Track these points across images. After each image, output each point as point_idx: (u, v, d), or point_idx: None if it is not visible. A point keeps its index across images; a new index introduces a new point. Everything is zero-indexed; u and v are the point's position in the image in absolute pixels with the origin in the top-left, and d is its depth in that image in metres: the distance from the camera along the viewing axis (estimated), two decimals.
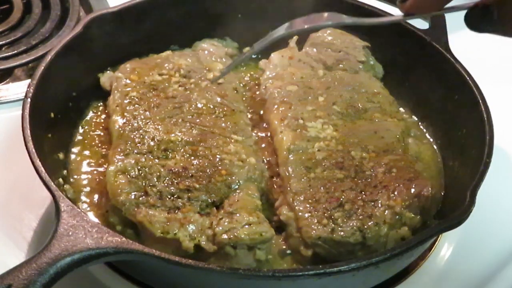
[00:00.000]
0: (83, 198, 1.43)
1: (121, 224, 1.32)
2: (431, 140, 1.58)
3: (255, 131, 1.54)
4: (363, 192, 1.35)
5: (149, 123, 1.45)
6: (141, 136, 1.42)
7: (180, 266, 1.15)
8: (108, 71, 1.62)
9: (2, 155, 1.57)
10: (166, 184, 1.33)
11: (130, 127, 1.45)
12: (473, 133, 1.43)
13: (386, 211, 1.31)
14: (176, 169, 1.36)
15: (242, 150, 1.42)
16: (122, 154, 1.39)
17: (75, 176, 1.46)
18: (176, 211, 1.30)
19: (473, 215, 1.24)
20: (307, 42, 1.68)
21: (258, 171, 1.40)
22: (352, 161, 1.42)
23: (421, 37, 1.60)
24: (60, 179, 1.42)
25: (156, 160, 1.38)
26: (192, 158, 1.39)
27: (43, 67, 1.45)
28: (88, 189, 1.44)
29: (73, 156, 1.50)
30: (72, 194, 1.41)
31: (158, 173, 1.35)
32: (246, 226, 1.27)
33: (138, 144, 1.41)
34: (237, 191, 1.35)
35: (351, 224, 1.29)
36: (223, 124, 1.47)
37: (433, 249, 1.44)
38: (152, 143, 1.41)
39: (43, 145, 1.37)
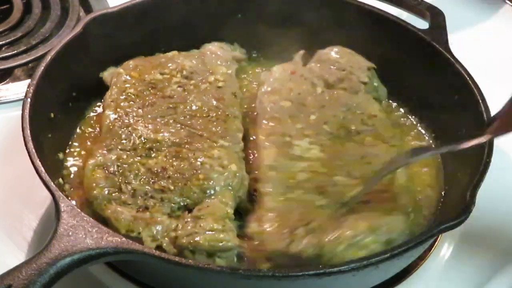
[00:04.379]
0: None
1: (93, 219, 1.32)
2: (431, 141, 1.58)
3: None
4: (336, 219, 1.32)
5: (139, 121, 1.45)
6: (129, 133, 1.42)
7: (180, 266, 1.15)
8: (111, 67, 1.61)
9: (2, 155, 1.57)
10: (142, 183, 1.33)
11: (120, 123, 1.44)
12: (473, 133, 1.43)
13: (348, 232, 1.27)
14: (155, 169, 1.35)
15: (226, 156, 1.40)
16: (105, 149, 1.39)
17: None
18: (145, 211, 1.30)
19: (473, 215, 1.24)
20: (313, 58, 1.65)
21: (237, 179, 1.38)
22: (334, 187, 1.37)
23: (421, 37, 1.60)
24: (60, 179, 1.42)
25: (138, 158, 1.37)
26: (174, 159, 1.38)
27: (43, 67, 1.45)
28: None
29: (73, 156, 1.50)
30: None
31: (136, 171, 1.35)
32: (208, 232, 1.26)
33: (123, 141, 1.40)
34: (212, 197, 1.34)
35: (309, 239, 1.27)
36: (213, 128, 1.45)
37: (433, 249, 1.44)
38: (137, 141, 1.40)
39: (43, 145, 1.37)
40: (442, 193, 1.46)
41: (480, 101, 1.45)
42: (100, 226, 1.16)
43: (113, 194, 1.32)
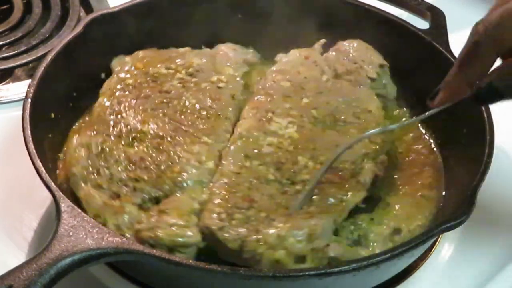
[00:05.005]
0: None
1: (72, 196, 1.34)
2: (431, 141, 1.58)
3: None
4: (278, 205, 1.29)
5: (130, 111, 1.46)
6: (117, 121, 1.43)
7: (180, 266, 1.15)
8: (121, 56, 1.62)
9: (2, 155, 1.57)
10: (119, 170, 1.34)
11: (111, 110, 1.46)
12: (474, 133, 1.43)
13: (273, 231, 1.24)
14: (134, 158, 1.36)
15: (206, 152, 1.39)
16: (93, 132, 1.41)
17: None
18: (116, 199, 1.31)
19: (473, 215, 1.24)
20: (333, 48, 1.65)
21: (212, 176, 1.37)
22: (293, 165, 1.36)
23: (421, 37, 1.60)
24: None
25: (121, 146, 1.39)
26: (154, 150, 1.38)
27: (43, 67, 1.45)
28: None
29: None
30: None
31: (117, 157, 1.36)
32: (170, 227, 1.26)
33: (111, 128, 1.42)
34: (182, 191, 1.33)
35: (240, 230, 1.25)
36: (200, 125, 1.44)
37: (433, 249, 1.44)
38: (124, 129, 1.42)
39: (43, 146, 1.37)
40: (443, 193, 1.46)
41: None
42: (100, 226, 1.17)
43: (91, 176, 1.34)
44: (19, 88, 1.70)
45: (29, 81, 1.45)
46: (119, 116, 1.44)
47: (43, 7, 1.91)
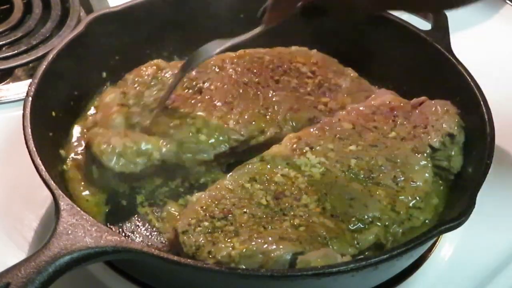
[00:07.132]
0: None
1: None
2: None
3: None
4: (254, 226, 1.27)
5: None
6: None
7: (178, 265, 1.15)
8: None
9: (2, 155, 1.57)
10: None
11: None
12: (474, 134, 1.43)
13: (225, 250, 1.22)
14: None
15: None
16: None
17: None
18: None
19: (473, 216, 1.24)
20: (424, 105, 1.52)
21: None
22: (293, 201, 1.32)
23: (423, 38, 1.60)
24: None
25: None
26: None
27: (45, 66, 1.45)
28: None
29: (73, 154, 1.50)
30: None
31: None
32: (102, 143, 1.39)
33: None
34: None
35: (199, 238, 1.25)
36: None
37: (433, 250, 1.44)
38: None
39: (44, 144, 1.37)
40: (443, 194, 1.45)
41: (482, 102, 1.44)
42: (99, 225, 1.16)
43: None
44: (19, 88, 1.70)
45: (29, 81, 1.45)
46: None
47: (43, 7, 1.91)
